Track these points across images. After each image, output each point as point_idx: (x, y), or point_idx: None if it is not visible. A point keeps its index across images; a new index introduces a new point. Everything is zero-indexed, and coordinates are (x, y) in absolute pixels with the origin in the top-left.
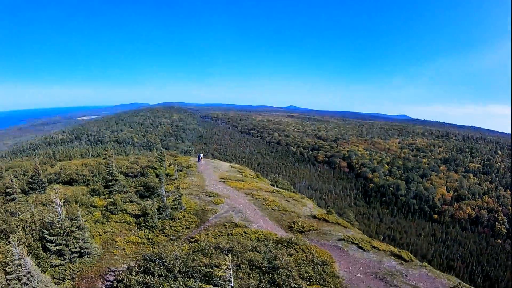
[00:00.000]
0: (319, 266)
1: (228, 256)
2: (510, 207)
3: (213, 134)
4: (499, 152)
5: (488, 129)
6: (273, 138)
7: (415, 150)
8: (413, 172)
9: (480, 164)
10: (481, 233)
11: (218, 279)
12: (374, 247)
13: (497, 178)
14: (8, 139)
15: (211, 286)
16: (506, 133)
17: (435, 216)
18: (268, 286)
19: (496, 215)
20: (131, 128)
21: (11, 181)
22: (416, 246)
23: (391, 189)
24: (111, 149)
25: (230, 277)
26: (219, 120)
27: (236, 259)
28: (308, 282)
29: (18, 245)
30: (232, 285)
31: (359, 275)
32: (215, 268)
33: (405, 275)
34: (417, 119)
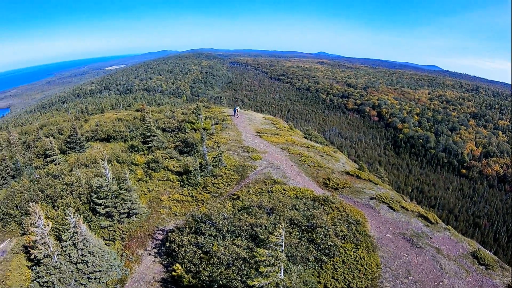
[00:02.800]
0: (353, 225)
1: (281, 224)
2: None
3: (242, 80)
4: None
5: None
6: (303, 85)
7: (444, 102)
8: (443, 124)
9: (509, 122)
10: (508, 192)
11: (272, 244)
12: (403, 207)
13: None
14: (36, 93)
15: (265, 250)
16: None
17: (463, 171)
18: (307, 244)
19: None
20: (160, 75)
21: (51, 142)
22: (443, 200)
23: (421, 140)
24: (141, 99)
25: (282, 242)
26: (249, 66)
27: (278, 217)
28: (342, 241)
29: (73, 214)
30: (283, 248)
31: (388, 235)
32: (270, 235)
33: (430, 237)
34: (448, 70)
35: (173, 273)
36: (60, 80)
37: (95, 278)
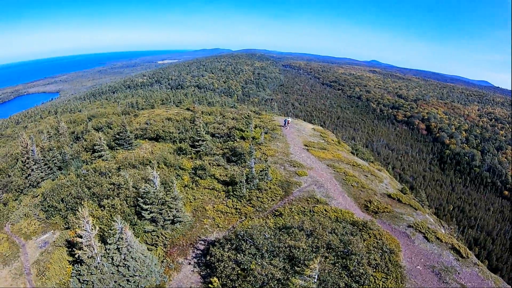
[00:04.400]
0: (386, 254)
1: (316, 259)
2: None
3: (294, 84)
4: None
5: None
6: (354, 93)
7: (493, 120)
8: (490, 143)
9: None
10: None
11: (305, 276)
12: (438, 238)
13: None
14: (87, 80)
15: (299, 280)
16: None
17: (506, 192)
18: (340, 269)
19: None
20: (212, 73)
21: (100, 138)
22: (483, 221)
23: (466, 158)
24: (192, 95)
25: (315, 275)
26: (301, 70)
27: (316, 241)
28: (374, 269)
29: (120, 220)
30: (315, 280)
31: (418, 267)
32: (305, 268)
33: (458, 273)
34: (498, 87)
35: (210, 285)
36: (112, 70)
37: (134, 282)
